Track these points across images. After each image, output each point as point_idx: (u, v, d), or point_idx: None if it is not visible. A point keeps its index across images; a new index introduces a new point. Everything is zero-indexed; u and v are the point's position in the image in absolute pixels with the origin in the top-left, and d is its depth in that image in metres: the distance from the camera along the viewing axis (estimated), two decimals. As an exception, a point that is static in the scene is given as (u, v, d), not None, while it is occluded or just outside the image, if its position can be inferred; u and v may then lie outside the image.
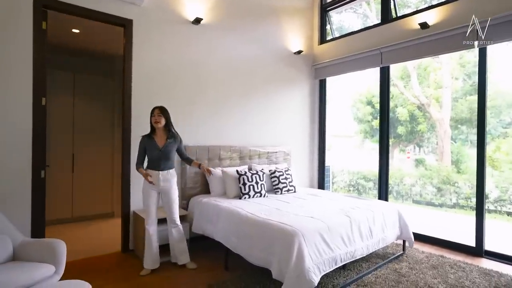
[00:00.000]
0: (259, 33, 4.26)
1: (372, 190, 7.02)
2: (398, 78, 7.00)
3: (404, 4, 5.77)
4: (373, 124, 7.47)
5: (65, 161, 4.29)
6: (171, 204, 2.76)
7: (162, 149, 2.71)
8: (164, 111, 2.76)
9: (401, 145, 7.24)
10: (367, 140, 8.01)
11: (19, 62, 2.59)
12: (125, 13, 3.13)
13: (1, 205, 2.45)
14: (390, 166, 4.20)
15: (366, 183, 7.26)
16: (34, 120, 2.67)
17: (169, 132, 2.77)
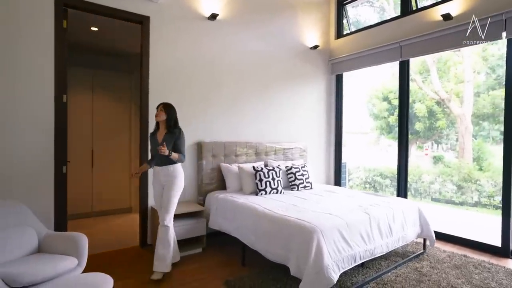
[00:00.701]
0: (275, 29, 4.21)
1: (389, 188, 6.88)
2: (416, 73, 6.80)
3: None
4: (389, 121, 7.30)
5: (84, 156, 4.39)
6: (165, 201, 2.60)
7: (157, 145, 2.63)
8: (167, 107, 2.68)
9: (418, 141, 7.06)
10: (383, 137, 7.85)
11: (41, 60, 2.65)
12: (142, 10, 3.15)
13: (26, 199, 2.53)
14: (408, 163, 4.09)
15: (382, 180, 7.12)
16: (56, 116, 2.73)
17: (169, 128, 2.67)
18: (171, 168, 2.64)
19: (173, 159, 2.59)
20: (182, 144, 2.68)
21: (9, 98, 2.51)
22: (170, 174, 2.63)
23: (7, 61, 2.51)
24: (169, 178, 2.63)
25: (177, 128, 2.69)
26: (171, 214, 2.61)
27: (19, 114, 2.56)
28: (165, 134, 2.66)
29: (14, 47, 2.53)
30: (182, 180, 2.70)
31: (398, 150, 4.07)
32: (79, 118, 4.32)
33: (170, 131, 2.66)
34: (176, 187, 2.63)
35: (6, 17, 2.50)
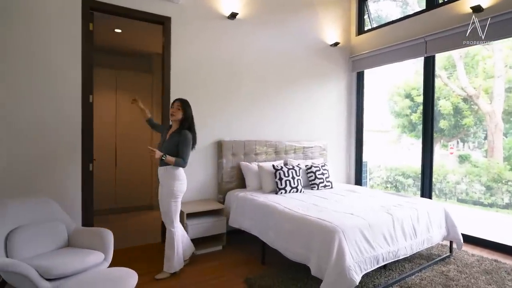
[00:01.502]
0: (295, 26, 4.17)
1: (411, 187, 6.67)
2: (441, 69, 6.53)
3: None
4: (411, 118, 7.07)
5: (108, 154, 4.54)
6: (166, 207, 2.52)
7: (162, 143, 2.57)
8: (184, 104, 2.54)
9: (443, 140, 6.79)
10: (405, 135, 7.61)
11: (69, 62, 2.76)
12: (164, 11, 3.21)
13: (56, 195, 2.64)
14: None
15: (404, 180, 6.92)
16: (83, 116, 2.84)
17: (181, 128, 2.53)
18: (167, 171, 2.49)
19: (168, 162, 2.43)
20: (183, 149, 2.46)
21: (41, 99, 2.63)
22: (165, 176, 2.50)
23: (39, 63, 2.63)
24: (163, 180, 2.51)
25: (186, 129, 2.51)
26: (173, 219, 2.53)
27: (50, 114, 2.67)
28: (173, 133, 2.55)
29: (45, 50, 2.65)
30: (179, 185, 2.50)
31: (422, 148, 3.93)
32: (103, 117, 4.47)
33: (178, 131, 2.52)
34: (171, 193, 2.48)
35: (37, 22, 2.61)
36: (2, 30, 2.47)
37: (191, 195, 3.37)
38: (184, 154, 2.47)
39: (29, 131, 2.59)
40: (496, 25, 3.12)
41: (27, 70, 2.58)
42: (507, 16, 3.03)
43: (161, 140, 2.65)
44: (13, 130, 2.52)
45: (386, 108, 7.93)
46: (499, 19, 3.08)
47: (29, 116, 2.58)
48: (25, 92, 2.57)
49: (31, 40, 2.59)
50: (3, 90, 2.48)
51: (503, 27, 3.08)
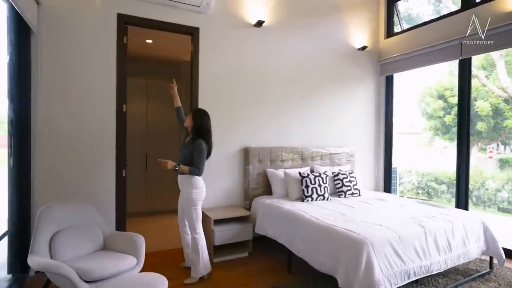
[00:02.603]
0: (321, 31, 4.14)
1: (445, 194, 6.34)
2: (479, 68, 6.16)
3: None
4: (445, 120, 6.72)
5: (139, 160, 4.73)
6: (187, 214, 2.62)
7: (181, 150, 2.68)
8: (196, 113, 2.63)
9: (480, 143, 6.38)
10: (438, 138, 7.24)
11: (105, 74, 2.93)
12: (193, 22, 3.31)
13: (93, 199, 2.80)
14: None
15: (437, 186, 6.59)
16: (117, 125, 2.99)
17: (194, 136, 2.61)
18: (185, 179, 2.58)
19: (182, 171, 2.51)
20: (196, 157, 2.51)
21: (79, 108, 2.81)
22: (183, 185, 2.60)
23: (78, 76, 2.81)
24: (184, 188, 2.60)
25: (199, 138, 2.56)
26: (195, 225, 2.60)
27: (88, 123, 2.85)
28: (188, 142, 2.64)
29: (84, 63, 2.83)
30: (197, 193, 2.58)
31: (458, 153, 3.72)
32: (135, 124, 4.66)
33: (193, 140, 2.59)
34: (190, 201, 2.56)
35: (76, 37, 2.79)
36: (45, 45, 2.66)
37: (218, 201, 3.44)
38: (198, 163, 2.52)
39: (69, 139, 2.77)
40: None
41: (67, 82, 2.76)
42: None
43: (181, 146, 2.77)
44: (55, 138, 2.71)
45: (417, 110, 7.61)
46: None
47: (69, 125, 2.77)
48: (64, 102, 2.75)
49: (70, 53, 2.77)
50: (45, 100, 2.67)
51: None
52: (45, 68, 2.66)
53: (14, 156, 2.43)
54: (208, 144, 2.62)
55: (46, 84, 2.67)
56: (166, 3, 3.10)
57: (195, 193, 2.57)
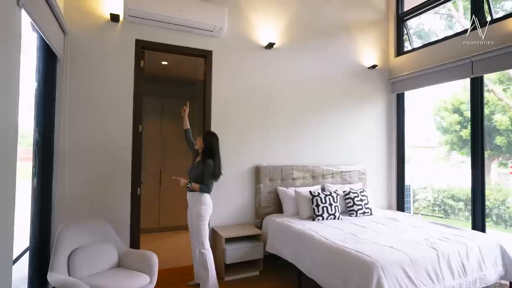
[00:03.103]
0: (331, 51, 4.23)
1: (463, 212, 6.16)
2: (495, 82, 6.08)
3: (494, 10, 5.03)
4: (461, 134, 6.60)
5: (153, 176, 4.85)
6: (195, 230, 2.74)
7: (190, 170, 2.84)
8: (206, 136, 2.82)
9: (501, 157, 6.21)
10: (455, 152, 7.08)
11: (123, 96, 3.08)
12: (206, 45, 3.46)
13: (109, 217, 2.90)
14: (487, 183, 3.63)
15: (454, 203, 6.41)
16: (133, 144, 3.12)
17: (203, 157, 2.78)
18: (195, 196, 2.73)
19: (193, 189, 2.69)
20: (206, 176, 2.69)
21: (98, 129, 2.96)
22: (193, 201, 2.75)
23: (98, 98, 2.97)
24: (193, 204, 2.74)
25: (209, 158, 2.72)
26: (203, 240, 2.71)
27: (105, 142, 2.98)
28: (198, 161, 2.81)
29: (103, 86, 3.00)
30: (205, 209, 2.71)
31: (472, 168, 3.65)
32: (150, 141, 4.81)
33: (203, 161, 2.75)
34: (198, 216, 2.70)
35: (97, 62, 2.97)
36: (69, 70, 2.85)
37: (229, 219, 3.48)
38: (208, 181, 2.71)
39: (88, 159, 2.91)
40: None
41: (88, 105, 2.92)
42: None
43: (190, 166, 2.91)
44: (75, 158, 2.85)
45: (432, 124, 7.50)
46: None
47: (88, 145, 2.91)
48: (85, 124, 2.91)
49: (91, 78, 2.95)
50: (67, 122, 2.83)
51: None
52: (68, 92, 2.83)
53: (38, 176, 2.57)
54: (218, 164, 2.78)
55: (69, 107, 2.83)
56: (181, 28, 3.27)
57: (203, 208, 2.71)
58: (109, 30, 3.04)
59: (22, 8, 1.69)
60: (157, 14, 3.03)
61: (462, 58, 3.64)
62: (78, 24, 2.90)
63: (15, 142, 1.68)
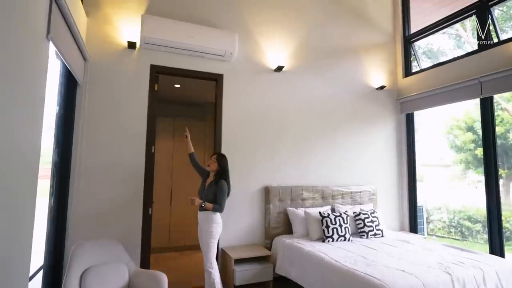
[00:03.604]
0: (339, 72, 4.32)
1: (481, 234, 5.93)
2: (509, 101, 6.00)
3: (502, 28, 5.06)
4: (476, 153, 6.45)
5: (164, 196, 4.92)
6: (204, 248, 2.79)
7: (202, 191, 2.93)
8: (220, 158, 2.94)
9: (519, 177, 6.02)
10: (471, 171, 6.90)
11: (138, 118, 3.21)
12: (217, 69, 3.60)
13: (121, 237, 2.95)
14: (506, 205, 3.53)
15: (471, 224, 6.18)
16: (146, 165, 3.21)
17: (216, 177, 2.88)
18: (206, 215, 2.81)
19: (207, 208, 2.77)
20: (219, 196, 2.79)
21: (113, 150, 3.07)
22: (204, 220, 2.81)
23: (113, 120, 3.10)
24: (204, 223, 2.81)
25: (222, 179, 2.85)
26: (211, 259, 2.77)
27: (119, 163, 3.08)
28: (210, 182, 2.91)
29: (119, 109, 3.13)
30: (217, 227, 2.80)
31: (486, 189, 3.57)
32: (162, 160, 4.91)
33: (216, 181, 2.86)
34: (209, 234, 2.76)
35: (113, 86, 3.13)
36: (88, 95, 3.00)
37: (239, 239, 3.48)
38: (221, 201, 2.81)
39: (102, 180, 3.00)
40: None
41: (104, 127, 3.05)
42: None
43: (201, 187, 3.00)
44: (90, 179, 2.95)
45: (445, 142, 7.38)
46: None
47: (103, 166, 3.01)
48: (101, 146, 3.02)
49: (108, 101, 3.09)
50: (85, 144, 2.95)
51: None
52: (87, 115, 2.98)
53: (55, 196, 2.67)
54: (229, 184, 2.91)
55: (86, 130, 2.97)
56: (194, 54, 3.43)
57: (214, 227, 2.79)
58: (126, 57, 3.21)
59: (50, 41, 1.84)
60: (170, 41, 3.20)
61: (470, 79, 3.67)
62: (98, 51, 3.09)
63: (37, 163, 1.79)
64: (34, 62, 1.67)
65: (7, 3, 1.34)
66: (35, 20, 1.67)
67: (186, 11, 3.49)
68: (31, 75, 1.64)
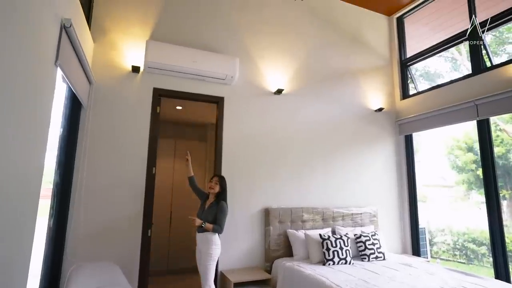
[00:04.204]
0: (338, 95, 4.41)
1: (487, 257, 5.80)
2: (507, 122, 6.05)
3: (495, 52, 5.22)
4: (478, 174, 6.42)
5: (164, 217, 4.88)
6: (203, 270, 2.78)
7: (202, 212, 2.93)
8: (222, 180, 2.98)
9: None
10: (474, 192, 6.83)
11: (139, 140, 3.25)
12: (219, 92, 3.69)
13: (119, 259, 2.92)
14: (510, 226, 3.50)
15: (477, 247, 6.06)
16: (146, 186, 3.22)
17: (217, 199, 2.92)
18: (205, 236, 2.80)
19: (207, 229, 2.77)
20: (220, 217, 2.81)
21: (114, 170, 3.09)
22: (203, 241, 2.80)
23: (115, 141, 3.14)
24: (203, 244, 2.80)
25: (222, 200, 2.89)
26: (209, 282, 2.74)
27: (120, 184, 3.10)
28: (211, 204, 2.93)
29: (121, 131, 3.19)
30: (216, 249, 2.79)
31: (488, 210, 3.54)
32: (162, 181, 4.92)
33: (216, 202, 2.89)
34: (208, 256, 2.75)
35: (118, 108, 3.20)
36: (92, 117, 3.07)
37: (238, 262, 3.43)
38: (221, 222, 2.82)
39: (103, 202, 3.00)
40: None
41: (106, 149, 3.10)
42: None
43: (200, 209, 3.01)
44: (90, 200, 2.95)
45: (446, 162, 7.36)
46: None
47: (104, 188, 3.03)
48: (102, 167, 3.05)
49: (111, 123, 3.15)
50: (86, 165, 2.98)
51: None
52: (89, 137, 3.03)
53: (55, 217, 2.67)
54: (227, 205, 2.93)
55: (89, 151, 3.01)
56: (196, 77, 3.53)
57: (214, 248, 2.78)
58: (130, 80, 3.31)
59: (58, 67, 1.93)
60: (173, 65, 3.31)
61: (466, 102, 3.74)
62: (103, 75, 3.19)
63: (38, 185, 1.81)
64: (42, 87, 1.74)
65: (21, 30, 1.42)
66: (45, 47, 1.75)
67: (189, 37, 3.63)
68: (39, 99, 1.71)
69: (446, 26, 4.36)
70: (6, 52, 1.28)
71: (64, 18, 1.98)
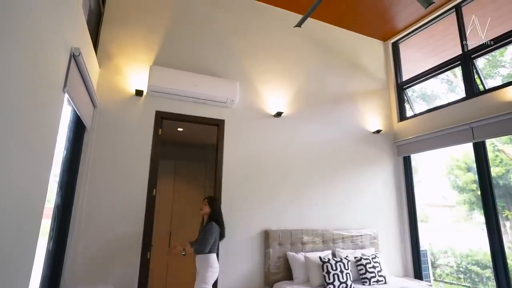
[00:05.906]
0: (336, 118, 4.50)
1: (492, 281, 5.68)
2: (505, 142, 6.11)
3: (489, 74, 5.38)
4: (479, 194, 6.38)
5: (163, 238, 4.84)
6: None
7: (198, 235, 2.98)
8: (212, 202, 3.04)
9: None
10: (476, 212, 6.77)
11: (141, 162, 3.30)
12: (219, 115, 3.77)
13: (117, 282, 2.89)
14: (511, 248, 3.48)
15: (481, 270, 5.94)
16: (147, 208, 3.23)
17: (208, 220, 2.97)
18: (202, 258, 2.85)
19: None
20: (203, 236, 2.85)
21: (116, 195, 3.12)
22: (200, 263, 2.84)
23: (118, 165, 3.19)
24: (200, 266, 2.83)
25: (213, 221, 2.91)
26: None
27: (120, 206, 3.11)
28: (202, 226, 2.99)
29: (124, 153, 3.24)
30: (212, 272, 2.80)
31: (488, 232, 3.55)
32: (162, 202, 4.91)
33: (207, 223, 2.94)
34: (203, 278, 2.77)
35: (121, 131, 3.27)
36: (95, 139, 3.13)
37: (238, 285, 3.38)
38: (202, 240, 2.84)
39: (102, 224, 3.01)
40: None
41: (108, 171, 3.14)
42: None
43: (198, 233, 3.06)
44: (90, 222, 2.96)
45: (447, 182, 7.34)
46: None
47: (104, 209, 3.04)
48: (103, 189, 3.08)
49: (113, 145, 3.21)
50: (88, 188, 3.01)
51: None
52: (92, 159, 3.08)
53: (54, 239, 2.67)
54: (220, 225, 2.98)
55: (90, 174, 3.05)
56: (197, 101, 3.63)
57: (210, 271, 2.80)
58: (133, 103, 3.40)
59: (65, 93, 2.01)
60: (175, 89, 3.41)
61: (462, 124, 3.82)
62: (107, 99, 3.28)
63: (42, 206, 1.84)
64: (49, 112, 1.81)
65: (34, 58, 1.51)
66: (55, 74, 1.84)
67: (191, 62, 3.76)
68: (46, 122, 1.77)
69: (439, 51, 4.52)
70: (18, 78, 1.36)
71: (74, 48, 2.09)
